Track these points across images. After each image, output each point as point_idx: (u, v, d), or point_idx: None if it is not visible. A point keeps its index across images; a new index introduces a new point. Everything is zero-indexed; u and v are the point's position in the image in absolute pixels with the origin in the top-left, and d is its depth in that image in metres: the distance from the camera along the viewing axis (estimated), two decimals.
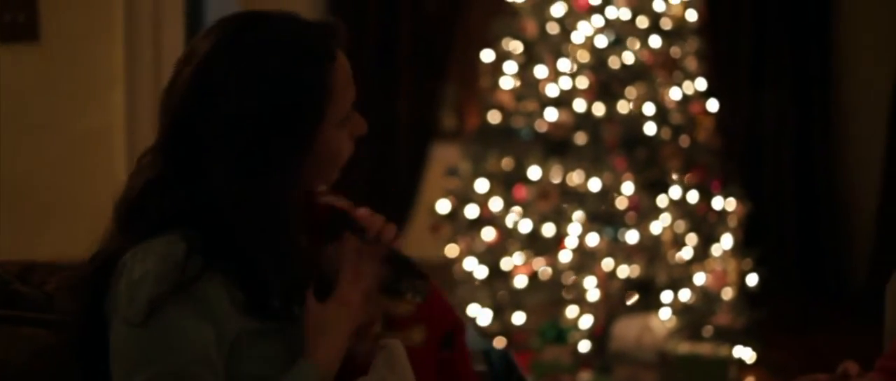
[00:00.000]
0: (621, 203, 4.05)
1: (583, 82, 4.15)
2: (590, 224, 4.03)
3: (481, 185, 4.22)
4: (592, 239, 4.01)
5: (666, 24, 4.23)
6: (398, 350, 1.30)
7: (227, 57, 1.29)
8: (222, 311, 1.25)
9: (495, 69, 4.35)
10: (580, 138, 4.13)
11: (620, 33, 4.16)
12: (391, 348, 1.30)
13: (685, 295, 4.08)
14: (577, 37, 4.15)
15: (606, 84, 4.15)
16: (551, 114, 4.15)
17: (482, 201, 4.22)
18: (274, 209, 1.28)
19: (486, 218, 4.20)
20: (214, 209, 1.27)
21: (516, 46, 4.30)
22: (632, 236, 4.03)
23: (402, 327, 1.35)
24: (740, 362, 4.06)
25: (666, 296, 4.04)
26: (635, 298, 4.04)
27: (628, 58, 4.15)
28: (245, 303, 1.27)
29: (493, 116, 4.33)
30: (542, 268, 4.09)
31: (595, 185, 4.04)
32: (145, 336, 1.24)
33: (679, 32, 4.25)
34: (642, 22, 4.18)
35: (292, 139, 1.28)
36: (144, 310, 1.23)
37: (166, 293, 1.23)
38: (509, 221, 4.15)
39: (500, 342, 4.03)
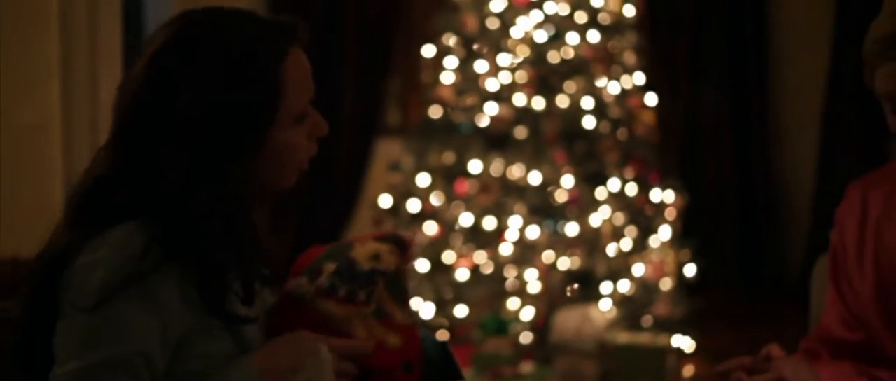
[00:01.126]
0: (561, 196, 4.10)
1: (522, 77, 4.20)
2: (530, 217, 4.08)
3: (423, 179, 4.25)
4: (533, 232, 4.06)
5: (604, 19, 4.29)
6: (326, 355, 1.31)
7: (179, 54, 1.29)
8: (171, 307, 1.26)
9: (436, 64, 4.38)
10: (520, 132, 4.18)
11: (559, 28, 4.22)
12: (320, 352, 1.31)
13: (624, 286, 4.14)
14: (517, 32, 4.20)
15: (546, 78, 4.21)
16: (491, 108, 4.19)
17: (424, 195, 4.25)
18: (228, 207, 1.28)
19: (427, 212, 4.23)
20: (169, 205, 1.27)
21: (457, 41, 4.34)
22: (572, 229, 4.08)
23: (388, 326, 1.37)
24: (679, 351, 4.13)
25: (605, 287, 4.10)
26: (574, 288, 4.09)
27: (567, 53, 4.21)
28: (197, 300, 1.27)
29: (435, 111, 4.35)
30: (484, 261, 4.13)
31: (535, 178, 4.09)
32: (90, 322, 1.24)
33: (617, 27, 4.31)
34: (581, 17, 4.23)
35: (243, 138, 1.28)
36: (94, 296, 1.23)
37: (118, 282, 1.23)
38: (451, 215, 4.18)
39: (442, 335, 4.06)
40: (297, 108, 1.33)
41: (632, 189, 4.22)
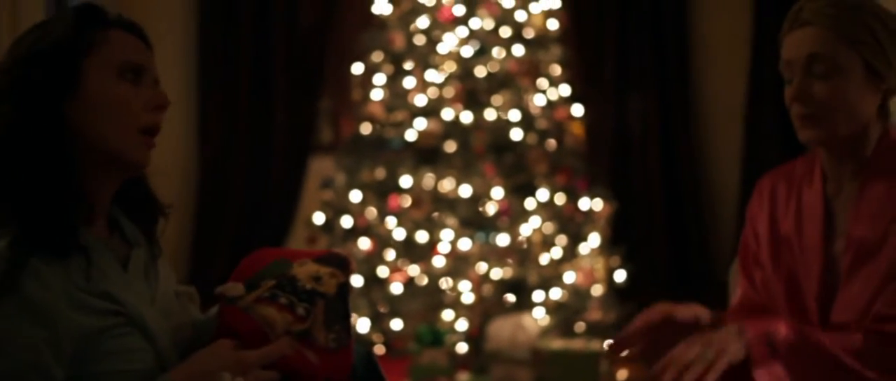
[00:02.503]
0: (492, 208, 4.16)
1: (450, 92, 4.27)
2: (462, 230, 4.13)
3: (356, 195, 4.28)
4: (465, 244, 4.11)
5: (528, 33, 4.37)
6: (226, 378, 1.33)
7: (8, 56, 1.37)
8: (58, 313, 1.26)
9: (366, 81, 4.43)
10: (450, 146, 4.23)
11: (485, 43, 4.29)
12: (222, 378, 1.33)
13: (556, 294, 4.21)
14: (443, 48, 4.27)
15: (473, 93, 4.27)
16: (421, 123, 4.25)
17: (357, 211, 4.28)
18: (45, 151, 1.30)
19: (361, 228, 4.27)
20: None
21: (385, 59, 4.39)
22: (503, 239, 4.14)
23: (308, 347, 1.39)
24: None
25: (538, 295, 4.17)
26: (510, 301, 4.14)
27: (493, 67, 4.28)
28: (89, 302, 1.28)
29: (366, 128, 4.40)
30: (418, 274, 4.17)
31: (466, 191, 4.15)
32: None
33: (541, 41, 4.40)
34: (505, 32, 4.31)
35: (52, 74, 1.32)
36: None
37: None
38: (384, 229, 4.22)
39: (379, 349, 4.10)
40: (116, 59, 1.36)
41: (561, 199, 4.30)
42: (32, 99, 1.32)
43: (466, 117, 4.23)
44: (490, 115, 4.24)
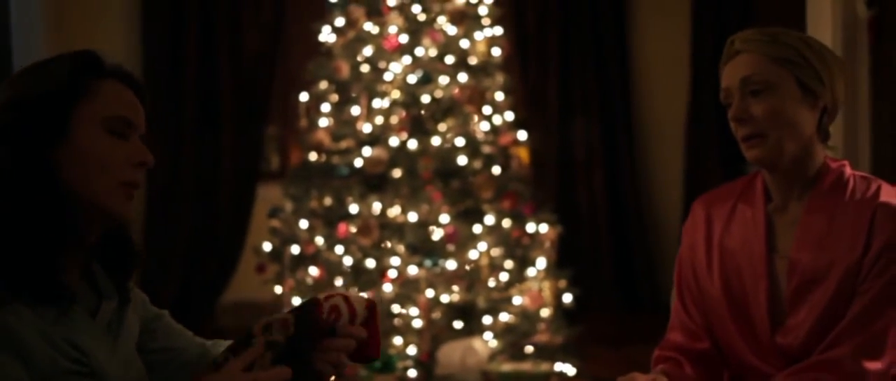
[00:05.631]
0: (439, 233, 4.20)
1: (396, 119, 4.30)
2: (410, 256, 4.16)
3: (304, 223, 4.30)
4: (413, 269, 4.14)
5: (472, 60, 4.43)
6: None
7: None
8: (30, 343, 1.27)
9: (312, 109, 4.46)
10: (396, 173, 4.26)
11: (429, 71, 4.33)
12: None
13: (505, 317, 4.25)
14: (389, 76, 4.31)
15: (419, 120, 4.31)
16: (367, 151, 4.28)
17: (305, 238, 4.29)
18: (35, 197, 1.31)
19: (309, 255, 4.28)
20: None
21: (331, 87, 4.42)
22: (451, 264, 4.18)
23: None
24: (561, 375, 4.25)
25: (487, 319, 4.20)
26: (459, 323, 4.17)
27: (438, 94, 4.33)
28: (59, 342, 1.29)
29: (313, 156, 4.42)
30: None
31: (413, 217, 4.18)
32: None
33: (485, 68, 4.46)
34: (450, 59, 4.37)
35: (43, 120, 1.34)
36: None
37: None
38: (332, 257, 4.23)
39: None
40: (105, 112, 1.39)
41: (507, 223, 4.34)
42: (24, 144, 1.34)
43: (412, 144, 4.26)
44: (436, 141, 4.29)
